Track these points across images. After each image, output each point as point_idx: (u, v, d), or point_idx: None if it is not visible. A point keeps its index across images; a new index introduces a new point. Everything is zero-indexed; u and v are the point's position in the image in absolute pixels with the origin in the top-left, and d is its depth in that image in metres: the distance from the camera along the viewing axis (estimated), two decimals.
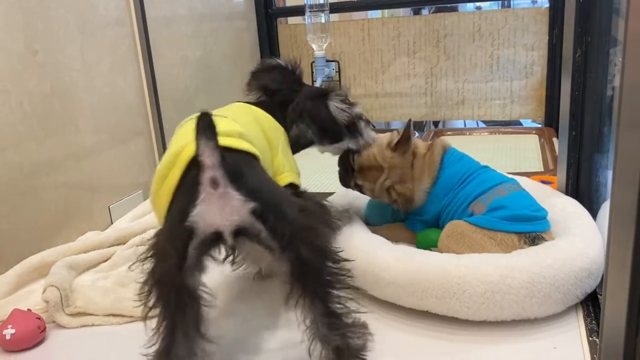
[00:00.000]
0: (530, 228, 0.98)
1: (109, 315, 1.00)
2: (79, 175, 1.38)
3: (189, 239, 0.71)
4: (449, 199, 1.09)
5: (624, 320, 0.56)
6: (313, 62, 2.18)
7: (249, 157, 0.79)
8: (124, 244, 1.28)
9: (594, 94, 1.20)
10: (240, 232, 0.72)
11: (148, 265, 0.75)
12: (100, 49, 1.44)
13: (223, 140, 0.71)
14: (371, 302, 0.99)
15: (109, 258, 1.23)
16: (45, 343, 0.95)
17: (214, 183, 0.69)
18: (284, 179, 0.94)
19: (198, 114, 0.69)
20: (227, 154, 0.71)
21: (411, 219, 1.15)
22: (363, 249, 1.00)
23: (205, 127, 0.67)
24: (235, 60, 2.16)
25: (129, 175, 1.55)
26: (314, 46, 2.12)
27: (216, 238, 0.72)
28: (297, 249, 0.73)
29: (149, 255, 0.76)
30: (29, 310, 0.98)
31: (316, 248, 0.75)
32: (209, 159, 0.68)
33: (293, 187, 0.97)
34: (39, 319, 0.96)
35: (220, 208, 0.70)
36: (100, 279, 1.12)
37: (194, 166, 0.71)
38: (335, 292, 0.77)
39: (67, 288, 1.03)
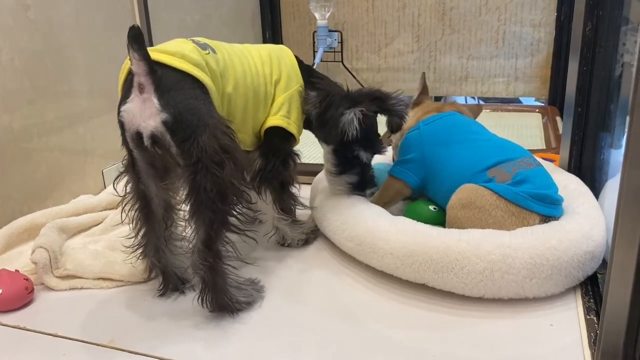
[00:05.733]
0: (553, 212, 0.95)
1: (98, 278, 0.99)
2: (72, 138, 1.35)
3: (123, 131, 0.83)
4: (442, 153, 1.04)
5: (629, 295, 0.54)
6: (315, 31, 2.13)
7: (188, 79, 0.82)
8: (116, 208, 1.26)
9: (602, 70, 1.16)
10: (155, 140, 0.80)
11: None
12: (95, 7, 1.39)
13: (158, 56, 0.81)
14: (367, 272, 0.98)
15: (101, 222, 1.21)
16: (32, 305, 0.93)
17: (140, 88, 0.79)
18: (272, 120, 0.99)
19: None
20: (164, 69, 0.80)
21: (395, 164, 1.13)
22: (364, 218, 0.98)
23: (132, 39, 0.75)
24: (235, 26, 2.11)
25: None
26: (317, 15, 2.07)
27: (139, 139, 0.81)
28: (197, 174, 0.80)
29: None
30: (17, 270, 0.96)
31: (216, 182, 0.80)
32: (135, 67, 0.78)
33: (285, 134, 1.00)
34: (27, 280, 0.94)
35: (141, 110, 0.80)
36: (91, 242, 1.10)
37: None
38: (224, 231, 0.83)
39: (56, 250, 1.01)
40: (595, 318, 0.82)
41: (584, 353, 0.75)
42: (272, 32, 2.30)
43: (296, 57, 1.07)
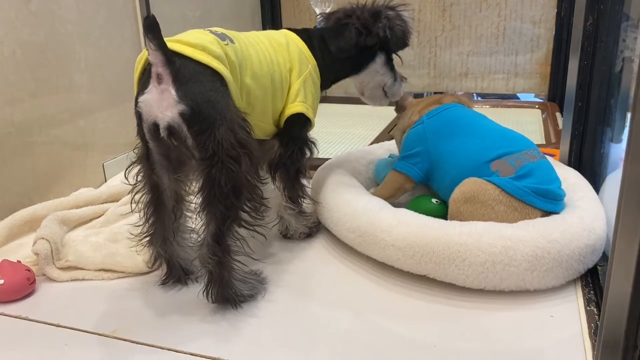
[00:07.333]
0: (555, 208, 0.94)
1: (99, 270, 0.99)
2: (73, 131, 1.35)
3: (140, 123, 0.82)
4: (446, 145, 1.04)
5: (630, 286, 0.55)
6: (315, 26, 2.13)
7: (207, 71, 0.81)
8: (117, 201, 1.26)
9: (603, 65, 1.17)
10: (172, 131, 0.79)
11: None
12: (97, 0, 1.39)
13: (179, 47, 0.80)
14: (368, 263, 0.98)
15: (102, 215, 1.21)
16: (34, 295, 0.93)
17: (159, 78, 0.78)
18: (293, 107, 1.00)
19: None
20: (182, 60, 0.79)
21: (399, 159, 1.12)
22: (365, 210, 0.98)
23: (147, 29, 0.74)
24: (236, 21, 2.11)
25: (124, 133, 1.51)
26: (317, 10, 2.06)
27: (156, 130, 0.80)
28: (212, 167, 0.79)
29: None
30: (19, 261, 0.96)
31: (232, 177, 0.79)
32: (152, 57, 0.77)
33: (303, 119, 1.01)
34: (29, 270, 0.94)
35: (159, 101, 0.78)
36: (92, 234, 1.11)
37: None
38: (235, 226, 0.83)
39: (57, 242, 1.01)
40: (595, 309, 0.83)
41: (585, 344, 0.76)
42: (272, 27, 2.30)
43: (299, 30, 1.07)
